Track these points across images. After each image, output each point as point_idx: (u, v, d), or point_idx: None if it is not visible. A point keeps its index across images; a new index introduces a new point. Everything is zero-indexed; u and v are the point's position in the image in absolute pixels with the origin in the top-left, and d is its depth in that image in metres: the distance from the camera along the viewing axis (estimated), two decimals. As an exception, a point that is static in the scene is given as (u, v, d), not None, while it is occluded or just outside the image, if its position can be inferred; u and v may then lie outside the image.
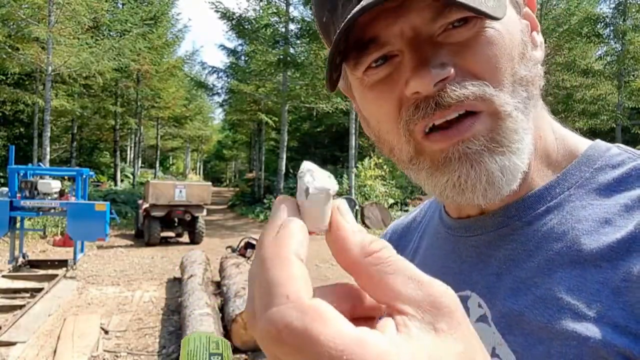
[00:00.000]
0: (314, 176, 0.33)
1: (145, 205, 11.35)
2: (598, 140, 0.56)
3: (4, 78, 16.80)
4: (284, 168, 19.51)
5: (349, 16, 0.45)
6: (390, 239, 0.74)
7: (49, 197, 7.76)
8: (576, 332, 0.43)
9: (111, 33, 20.04)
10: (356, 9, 0.45)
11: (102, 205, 7.64)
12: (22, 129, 21.54)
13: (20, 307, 5.80)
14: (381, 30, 0.48)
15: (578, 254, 0.47)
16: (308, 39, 17.77)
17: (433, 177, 0.50)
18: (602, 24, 18.54)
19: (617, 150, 0.54)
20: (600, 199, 0.50)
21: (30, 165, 9.94)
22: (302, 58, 18.57)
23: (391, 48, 0.48)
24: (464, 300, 0.53)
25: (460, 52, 0.47)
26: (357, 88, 0.54)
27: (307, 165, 0.34)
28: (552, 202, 0.52)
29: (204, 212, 11.84)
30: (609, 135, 18.11)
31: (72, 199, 8.17)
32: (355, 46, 0.49)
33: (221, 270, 6.75)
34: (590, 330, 0.43)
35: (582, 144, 0.56)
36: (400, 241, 0.73)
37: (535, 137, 0.52)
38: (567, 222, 0.50)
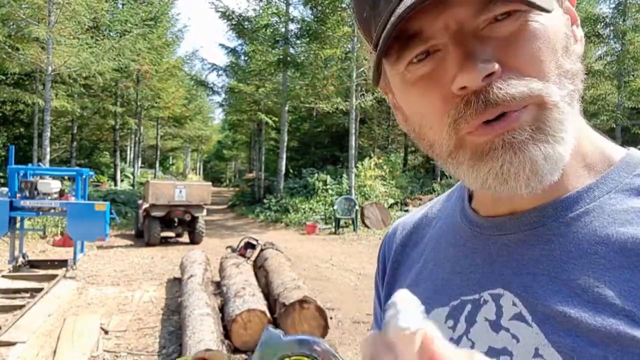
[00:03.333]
0: (399, 309, 0.32)
1: (145, 205, 11.35)
2: (632, 148, 0.56)
3: (4, 78, 16.81)
4: (284, 168, 19.50)
5: (398, 12, 0.45)
6: (399, 235, 0.73)
7: (49, 197, 7.76)
8: (636, 338, 0.42)
9: (111, 33, 20.03)
10: (401, 7, 0.45)
11: (102, 205, 7.64)
12: (22, 129, 21.54)
13: (20, 307, 5.80)
14: (425, 25, 0.47)
15: (626, 258, 0.46)
16: (308, 39, 17.77)
17: (475, 167, 0.49)
18: (602, 24, 18.54)
19: None
20: None
21: (30, 165, 9.94)
22: (302, 58, 18.58)
23: (435, 42, 0.48)
24: (495, 299, 0.53)
25: (505, 46, 0.47)
26: (397, 84, 0.54)
27: (396, 297, 0.33)
28: (591, 205, 0.51)
29: (204, 212, 11.84)
30: (608, 136, 18.04)
31: (72, 199, 8.17)
32: (397, 40, 0.48)
33: (221, 270, 6.76)
34: None
35: (616, 149, 0.56)
36: (412, 236, 0.71)
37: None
38: (610, 225, 0.49)
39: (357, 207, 14.38)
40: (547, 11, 0.45)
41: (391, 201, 16.87)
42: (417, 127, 0.54)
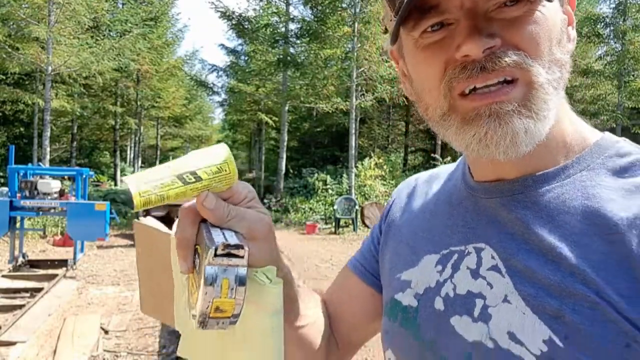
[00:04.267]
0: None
1: (145, 205, 11.34)
2: (607, 133, 0.63)
3: (4, 78, 16.82)
4: (284, 168, 19.51)
5: None
6: (418, 185, 0.81)
7: (49, 197, 7.76)
8: (586, 294, 0.50)
9: (111, 33, 20.03)
10: None
11: (102, 205, 7.63)
12: (22, 129, 21.55)
13: (20, 307, 5.79)
14: (443, 0, 0.53)
15: (586, 226, 0.53)
16: (308, 39, 17.76)
17: (461, 130, 0.56)
18: (602, 24, 18.54)
19: (624, 143, 0.61)
20: (607, 181, 0.57)
21: (30, 165, 9.94)
22: (302, 58, 18.58)
23: (449, 16, 0.54)
24: (478, 251, 0.61)
25: (509, 27, 0.53)
26: (410, 49, 0.60)
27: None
28: (566, 180, 0.58)
29: (204, 212, 11.82)
30: (609, 135, 18.07)
31: (72, 199, 8.17)
32: (417, 10, 0.54)
33: (221, 270, 6.75)
34: (600, 294, 0.49)
35: (593, 134, 0.63)
36: (429, 184, 0.79)
37: (557, 119, 0.58)
38: (577, 198, 0.56)
39: (357, 207, 14.38)
40: (550, 0, 0.52)
41: (391, 201, 16.86)
42: (419, 89, 0.61)
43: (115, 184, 23.80)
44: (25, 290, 6.66)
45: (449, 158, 14.96)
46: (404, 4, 0.53)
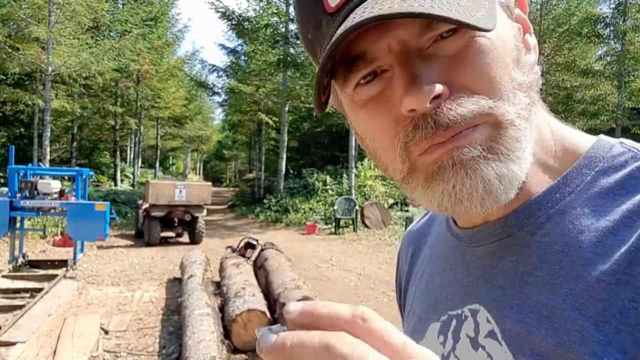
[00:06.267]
0: None
1: (145, 206, 11.35)
2: (601, 137, 0.54)
3: (4, 78, 16.81)
4: (284, 168, 19.51)
5: (333, 39, 0.43)
6: (408, 243, 0.75)
7: (49, 197, 7.76)
8: (587, 358, 0.42)
9: (111, 33, 20.03)
10: (340, 31, 0.43)
11: (102, 205, 7.64)
12: (22, 129, 21.54)
13: (20, 307, 5.80)
14: (368, 46, 0.45)
15: (582, 268, 0.45)
16: (308, 39, 17.74)
17: (428, 190, 0.48)
18: (602, 24, 18.54)
19: (620, 149, 0.51)
20: (603, 204, 0.48)
21: (30, 165, 9.94)
22: (302, 58, 18.56)
23: (380, 64, 0.46)
24: (474, 314, 0.53)
25: (452, 65, 0.45)
26: (348, 105, 0.52)
27: None
28: (552, 210, 0.50)
29: (204, 212, 11.84)
30: (608, 136, 18.07)
31: (72, 199, 8.17)
32: (343, 63, 0.47)
33: (221, 270, 6.76)
34: (602, 355, 0.41)
35: (583, 142, 0.54)
36: (418, 243, 0.73)
37: (536, 133, 0.51)
38: (569, 232, 0.48)
39: (357, 207, 14.38)
40: (487, 31, 0.42)
41: (391, 201, 16.86)
42: (372, 149, 0.53)
43: (115, 184, 23.81)
44: (25, 290, 6.66)
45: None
46: (322, 59, 0.44)
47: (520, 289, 0.49)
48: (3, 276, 7.37)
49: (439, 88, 0.44)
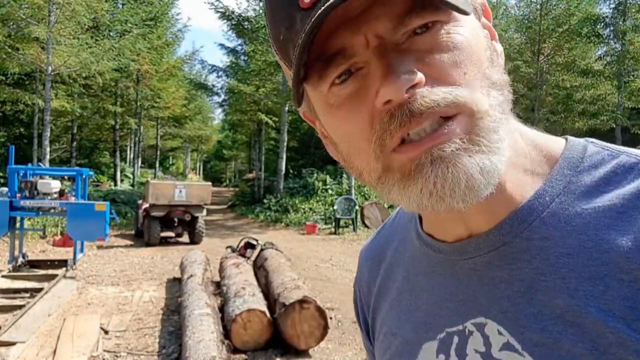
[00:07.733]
0: None
1: (145, 205, 11.35)
2: (570, 139, 0.55)
3: (4, 78, 16.80)
4: (284, 168, 19.51)
5: (311, 22, 0.43)
6: (366, 272, 0.71)
7: (49, 197, 7.76)
8: (631, 359, 0.41)
9: (111, 33, 20.04)
10: (316, 21, 0.42)
11: (102, 205, 7.64)
12: (22, 129, 21.54)
13: (20, 307, 5.80)
14: (346, 41, 0.45)
15: (594, 268, 0.45)
16: (308, 39, 17.75)
17: (406, 189, 0.46)
18: (602, 24, 18.54)
19: (594, 148, 0.52)
20: (593, 202, 0.48)
21: (30, 165, 9.94)
22: (302, 58, 18.57)
23: (357, 59, 0.46)
24: (480, 328, 0.51)
25: (427, 58, 0.45)
26: (322, 108, 0.50)
27: None
28: (545, 213, 0.50)
29: (204, 212, 11.84)
30: (608, 136, 18.10)
31: (72, 199, 8.17)
32: (320, 58, 0.46)
33: (221, 270, 6.76)
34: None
35: (554, 145, 0.54)
36: (377, 268, 0.69)
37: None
38: (569, 233, 0.47)
39: (357, 207, 14.38)
40: (466, 13, 0.44)
41: (391, 201, 16.86)
42: (346, 154, 0.51)
43: (115, 184, 23.80)
44: (25, 290, 6.66)
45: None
46: (296, 55, 0.44)
47: (530, 297, 0.48)
48: (3, 276, 7.37)
49: (415, 77, 0.43)
